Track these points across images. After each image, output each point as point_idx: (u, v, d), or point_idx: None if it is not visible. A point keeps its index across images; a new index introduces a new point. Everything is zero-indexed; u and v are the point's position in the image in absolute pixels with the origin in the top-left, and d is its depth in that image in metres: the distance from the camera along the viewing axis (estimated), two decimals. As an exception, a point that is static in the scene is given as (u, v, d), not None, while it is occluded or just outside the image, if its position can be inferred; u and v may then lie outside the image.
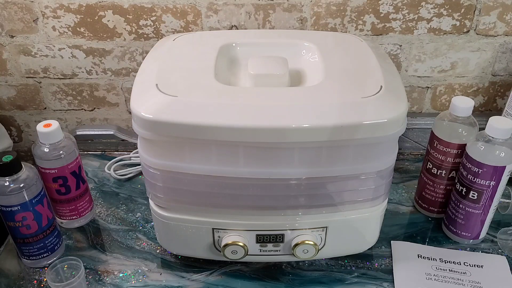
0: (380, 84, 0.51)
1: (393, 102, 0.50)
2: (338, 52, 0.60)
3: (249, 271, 0.62)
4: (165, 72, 0.54)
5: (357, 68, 0.56)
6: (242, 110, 0.48)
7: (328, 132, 0.47)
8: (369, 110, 0.48)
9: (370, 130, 0.48)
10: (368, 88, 0.50)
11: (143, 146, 0.53)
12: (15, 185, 0.56)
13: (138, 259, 0.64)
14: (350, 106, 0.49)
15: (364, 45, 0.62)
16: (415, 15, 0.76)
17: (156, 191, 0.55)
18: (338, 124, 0.47)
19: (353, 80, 0.53)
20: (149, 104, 0.49)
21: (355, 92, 0.50)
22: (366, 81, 0.52)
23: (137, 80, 0.54)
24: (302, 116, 0.48)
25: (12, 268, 0.63)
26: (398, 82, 0.54)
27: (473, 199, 0.61)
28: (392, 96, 0.50)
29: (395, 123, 0.49)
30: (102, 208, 0.73)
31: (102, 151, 0.86)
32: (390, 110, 0.49)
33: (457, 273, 0.60)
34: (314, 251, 0.56)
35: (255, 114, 0.48)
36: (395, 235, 0.67)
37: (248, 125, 0.47)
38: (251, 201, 0.54)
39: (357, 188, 0.54)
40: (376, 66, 0.55)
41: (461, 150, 0.62)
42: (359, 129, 0.48)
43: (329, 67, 0.55)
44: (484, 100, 0.86)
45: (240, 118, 0.47)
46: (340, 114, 0.48)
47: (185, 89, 0.51)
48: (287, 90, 0.52)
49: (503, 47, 0.80)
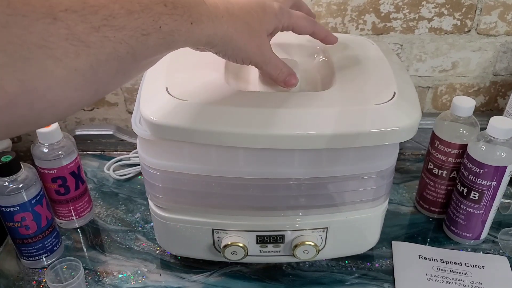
0: (394, 91, 0.50)
1: (407, 109, 0.48)
2: (350, 55, 0.59)
3: (249, 272, 0.61)
4: (174, 75, 0.52)
5: (370, 73, 0.54)
6: (254, 115, 0.47)
7: (337, 139, 0.46)
8: (382, 117, 0.47)
9: (383, 137, 0.47)
10: (381, 95, 0.49)
11: (143, 146, 0.53)
12: (14, 186, 0.56)
13: (137, 259, 0.63)
14: (363, 113, 0.47)
15: (375, 48, 0.60)
16: (416, 14, 0.76)
17: (155, 191, 0.55)
18: (351, 132, 0.46)
19: (365, 86, 0.52)
20: (158, 108, 0.47)
21: (368, 99, 0.49)
22: (379, 87, 0.51)
23: (145, 84, 0.52)
24: (312, 123, 0.46)
25: (11, 268, 0.63)
26: (411, 89, 0.52)
27: (474, 200, 0.61)
28: (405, 103, 0.49)
29: (408, 131, 0.48)
30: (102, 208, 0.73)
31: (101, 151, 0.86)
32: (404, 117, 0.47)
33: (458, 274, 0.60)
34: (315, 251, 0.56)
35: (267, 120, 0.46)
36: (396, 236, 0.67)
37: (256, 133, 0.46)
38: (251, 201, 0.54)
39: (358, 188, 0.54)
40: (389, 71, 0.54)
41: (462, 150, 0.62)
42: (371, 136, 0.47)
43: (341, 72, 0.54)
44: (485, 100, 0.86)
45: (253, 124, 0.46)
46: (352, 122, 0.47)
47: (195, 93, 0.49)
48: (298, 95, 0.50)
49: (504, 46, 0.79)
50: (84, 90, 0.31)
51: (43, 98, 0.29)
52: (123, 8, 0.31)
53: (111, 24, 0.30)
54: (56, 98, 0.30)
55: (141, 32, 0.32)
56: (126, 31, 0.31)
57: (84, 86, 0.31)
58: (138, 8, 0.32)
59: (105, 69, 0.31)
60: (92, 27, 0.29)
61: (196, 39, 0.37)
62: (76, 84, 0.30)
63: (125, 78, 0.35)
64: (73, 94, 0.30)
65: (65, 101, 0.30)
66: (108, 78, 0.32)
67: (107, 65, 0.31)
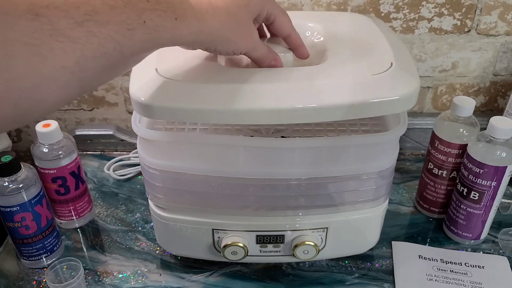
0: (391, 61, 0.49)
1: (405, 78, 0.47)
2: (345, 31, 0.57)
3: (249, 272, 0.61)
4: (164, 55, 0.50)
5: (365, 46, 0.53)
6: (248, 92, 0.45)
7: (335, 111, 0.45)
8: (381, 87, 0.46)
9: (382, 108, 0.46)
10: (378, 65, 0.48)
11: (143, 146, 0.53)
12: (14, 186, 0.55)
13: (137, 259, 0.63)
14: (360, 84, 0.46)
15: (370, 23, 0.59)
16: (416, 14, 0.76)
17: (155, 191, 0.55)
18: (349, 103, 0.44)
19: (361, 58, 0.50)
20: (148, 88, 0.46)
21: (364, 70, 0.48)
22: (375, 58, 0.50)
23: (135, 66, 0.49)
24: (309, 96, 0.45)
25: (11, 268, 0.63)
26: (408, 59, 0.51)
27: (474, 200, 0.61)
28: (403, 72, 0.48)
29: (407, 100, 0.46)
30: (102, 208, 0.73)
31: (101, 151, 0.86)
32: (403, 86, 0.46)
33: (458, 274, 0.60)
34: (315, 251, 0.56)
35: (261, 95, 0.45)
36: (396, 236, 0.67)
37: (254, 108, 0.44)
38: (251, 201, 0.54)
39: (358, 188, 0.54)
40: (385, 43, 0.53)
41: (462, 150, 0.62)
42: (370, 107, 0.45)
43: (335, 47, 0.53)
44: (485, 100, 0.86)
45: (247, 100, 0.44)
46: (350, 93, 0.45)
47: (186, 72, 0.48)
48: (292, 70, 0.49)
49: (504, 46, 0.79)
50: (71, 87, 0.31)
51: (29, 97, 0.29)
52: (105, 4, 0.31)
53: (95, 19, 0.30)
54: (42, 96, 0.29)
55: (126, 26, 0.32)
56: (111, 25, 0.31)
57: (71, 83, 0.31)
58: (121, 4, 0.32)
59: (92, 66, 0.31)
60: (75, 22, 0.29)
61: (182, 36, 0.37)
62: (63, 81, 0.30)
63: (112, 74, 0.35)
64: (60, 92, 0.30)
65: (51, 98, 0.30)
66: (95, 75, 0.32)
67: (94, 61, 0.31)
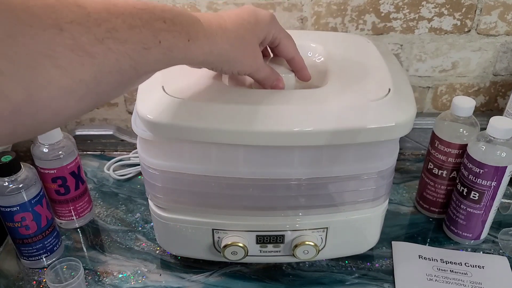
0: (389, 87, 0.50)
1: (402, 105, 0.48)
2: (345, 53, 0.59)
3: (249, 272, 0.61)
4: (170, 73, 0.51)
5: (365, 70, 0.54)
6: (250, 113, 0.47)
7: (333, 136, 0.46)
8: (378, 114, 0.47)
9: (378, 134, 0.47)
10: (376, 91, 0.49)
11: (143, 146, 0.53)
12: (14, 186, 0.56)
13: (137, 260, 0.63)
14: (358, 109, 0.47)
15: (371, 46, 0.60)
16: (416, 14, 0.76)
17: (155, 191, 0.55)
18: (346, 128, 0.46)
19: (360, 82, 0.52)
20: (155, 106, 0.47)
21: (363, 95, 0.49)
22: (374, 83, 0.51)
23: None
24: (309, 119, 0.46)
25: (11, 268, 0.63)
26: (406, 84, 0.52)
27: (474, 200, 0.61)
28: (401, 99, 0.49)
29: (404, 127, 0.48)
30: (102, 208, 0.73)
31: (102, 151, 0.86)
32: (400, 113, 0.47)
33: (458, 274, 0.60)
34: (315, 251, 0.56)
35: (261, 117, 0.46)
36: (396, 236, 0.67)
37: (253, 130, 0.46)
38: (251, 201, 0.54)
39: (358, 188, 0.54)
40: (384, 68, 0.54)
41: (462, 150, 0.62)
42: (366, 132, 0.47)
43: (335, 69, 0.54)
44: (485, 100, 0.86)
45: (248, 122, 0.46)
46: (348, 118, 0.46)
47: (193, 91, 0.49)
48: (294, 92, 0.51)
49: (504, 46, 0.79)
50: (86, 100, 0.32)
51: (47, 108, 0.29)
52: (125, 23, 0.32)
53: (114, 37, 0.31)
54: (60, 107, 0.30)
55: (142, 45, 0.33)
56: (129, 44, 0.32)
57: (87, 97, 0.32)
58: (139, 23, 0.33)
59: (108, 81, 0.32)
60: (96, 39, 0.30)
61: (193, 56, 0.39)
62: (80, 94, 0.31)
63: (124, 90, 0.36)
64: (76, 104, 0.31)
65: (67, 110, 0.31)
66: (109, 90, 0.33)
67: (110, 76, 0.32)
